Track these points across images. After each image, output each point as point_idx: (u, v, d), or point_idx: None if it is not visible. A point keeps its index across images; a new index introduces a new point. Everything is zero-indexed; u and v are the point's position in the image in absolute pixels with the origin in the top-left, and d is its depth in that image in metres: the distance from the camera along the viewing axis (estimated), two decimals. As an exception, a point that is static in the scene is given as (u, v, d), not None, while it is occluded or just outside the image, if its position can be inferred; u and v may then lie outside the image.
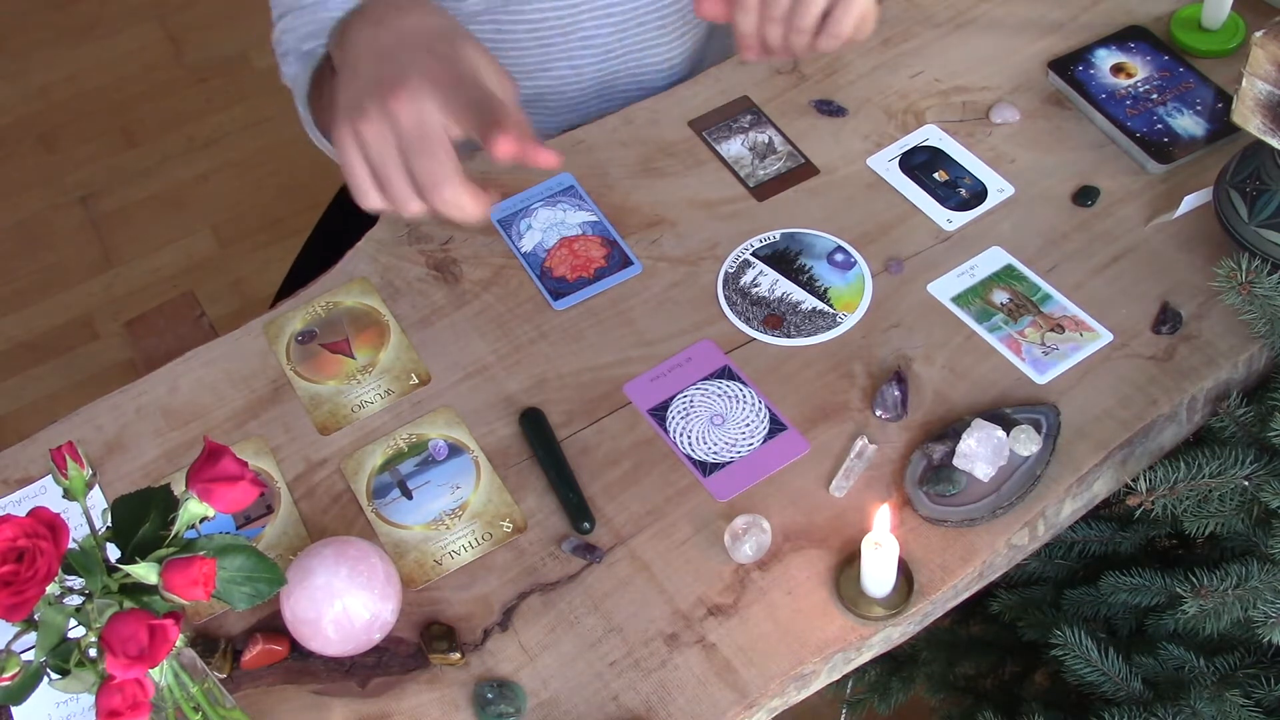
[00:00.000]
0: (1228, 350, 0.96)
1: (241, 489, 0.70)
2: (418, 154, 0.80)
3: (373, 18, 0.85)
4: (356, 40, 0.85)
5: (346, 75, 0.85)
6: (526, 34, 1.19)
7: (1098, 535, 1.07)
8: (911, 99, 1.14)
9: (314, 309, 1.04)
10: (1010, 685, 1.22)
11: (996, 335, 0.98)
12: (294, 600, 0.82)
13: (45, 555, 0.64)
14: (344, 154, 0.83)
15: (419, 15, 0.85)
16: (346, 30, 0.87)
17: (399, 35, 0.84)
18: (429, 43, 0.84)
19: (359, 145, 0.82)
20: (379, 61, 0.83)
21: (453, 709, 0.84)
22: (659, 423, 0.95)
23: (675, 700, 0.83)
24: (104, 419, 0.99)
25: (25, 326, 2.25)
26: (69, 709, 0.85)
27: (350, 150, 0.82)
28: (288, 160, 2.44)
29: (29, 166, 2.48)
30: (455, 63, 0.83)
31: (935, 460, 0.90)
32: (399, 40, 0.83)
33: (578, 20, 1.18)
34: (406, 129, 0.80)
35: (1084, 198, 1.05)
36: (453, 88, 0.81)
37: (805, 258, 1.04)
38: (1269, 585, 0.88)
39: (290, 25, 1.06)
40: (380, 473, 0.95)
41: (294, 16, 1.05)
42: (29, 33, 2.71)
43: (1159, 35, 1.16)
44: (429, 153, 0.80)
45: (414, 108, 0.80)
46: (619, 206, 1.09)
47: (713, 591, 0.87)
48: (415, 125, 0.80)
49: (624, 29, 1.20)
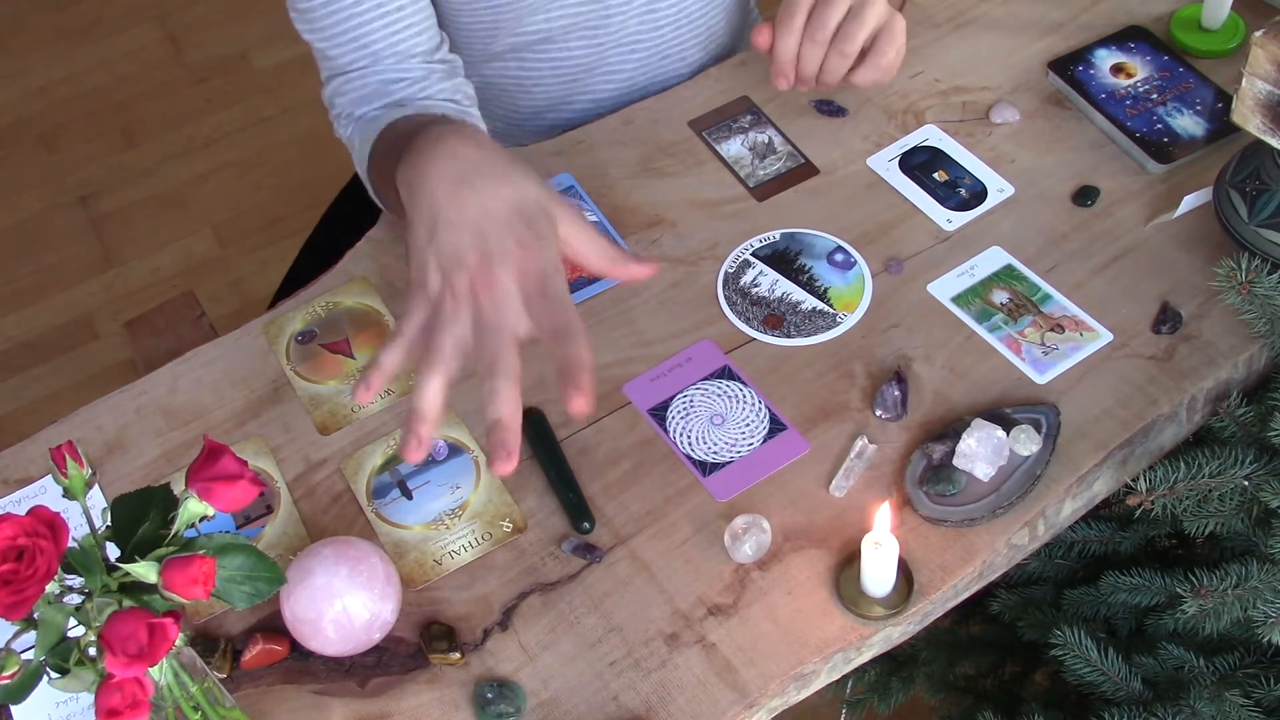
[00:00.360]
0: (1228, 350, 0.96)
1: (241, 488, 0.70)
2: (487, 342, 0.80)
3: (454, 175, 0.82)
4: (437, 197, 0.82)
5: (422, 228, 0.82)
6: (550, 72, 1.20)
7: (1098, 535, 1.07)
8: (911, 99, 1.14)
9: (314, 309, 1.04)
10: (1010, 685, 1.22)
11: (996, 335, 0.98)
12: (294, 600, 0.82)
13: (45, 554, 0.64)
14: (410, 312, 0.82)
15: (507, 186, 0.82)
16: (423, 175, 0.83)
17: (485, 210, 0.81)
18: (518, 224, 0.81)
19: (429, 308, 0.82)
20: (462, 231, 0.81)
21: (453, 709, 0.84)
22: (659, 423, 0.95)
23: (675, 700, 0.83)
24: (104, 419, 0.99)
25: (25, 326, 2.25)
26: (69, 708, 0.85)
27: (418, 311, 0.82)
28: (288, 160, 2.44)
29: (29, 166, 2.48)
30: (543, 254, 0.81)
31: (935, 460, 0.90)
32: (485, 215, 0.81)
33: (604, 58, 1.19)
34: (486, 322, 0.80)
35: (1084, 198, 1.06)
36: (538, 295, 0.80)
37: (805, 258, 1.04)
38: (1269, 585, 0.88)
39: (340, 89, 1.05)
40: (380, 473, 0.95)
41: (344, 80, 1.05)
42: (29, 33, 2.71)
43: (1159, 35, 1.16)
44: (501, 344, 0.79)
45: (497, 306, 0.80)
46: (619, 206, 1.09)
47: (713, 591, 0.87)
48: (494, 322, 0.80)
49: (648, 63, 1.21)
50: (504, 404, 0.78)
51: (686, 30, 1.20)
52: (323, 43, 1.04)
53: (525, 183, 0.83)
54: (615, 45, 1.19)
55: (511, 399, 0.78)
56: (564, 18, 1.15)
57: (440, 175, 0.82)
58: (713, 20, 1.23)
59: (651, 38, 1.19)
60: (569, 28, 1.16)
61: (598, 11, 1.15)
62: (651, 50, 1.20)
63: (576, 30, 1.17)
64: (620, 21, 1.17)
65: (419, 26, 1.04)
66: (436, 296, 0.81)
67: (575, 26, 1.16)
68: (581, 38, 1.17)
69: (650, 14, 1.17)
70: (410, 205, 0.84)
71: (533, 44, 1.17)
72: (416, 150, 0.85)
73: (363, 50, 1.03)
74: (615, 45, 1.19)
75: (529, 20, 1.15)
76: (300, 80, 2.55)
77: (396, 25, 1.03)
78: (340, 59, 1.04)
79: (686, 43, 1.21)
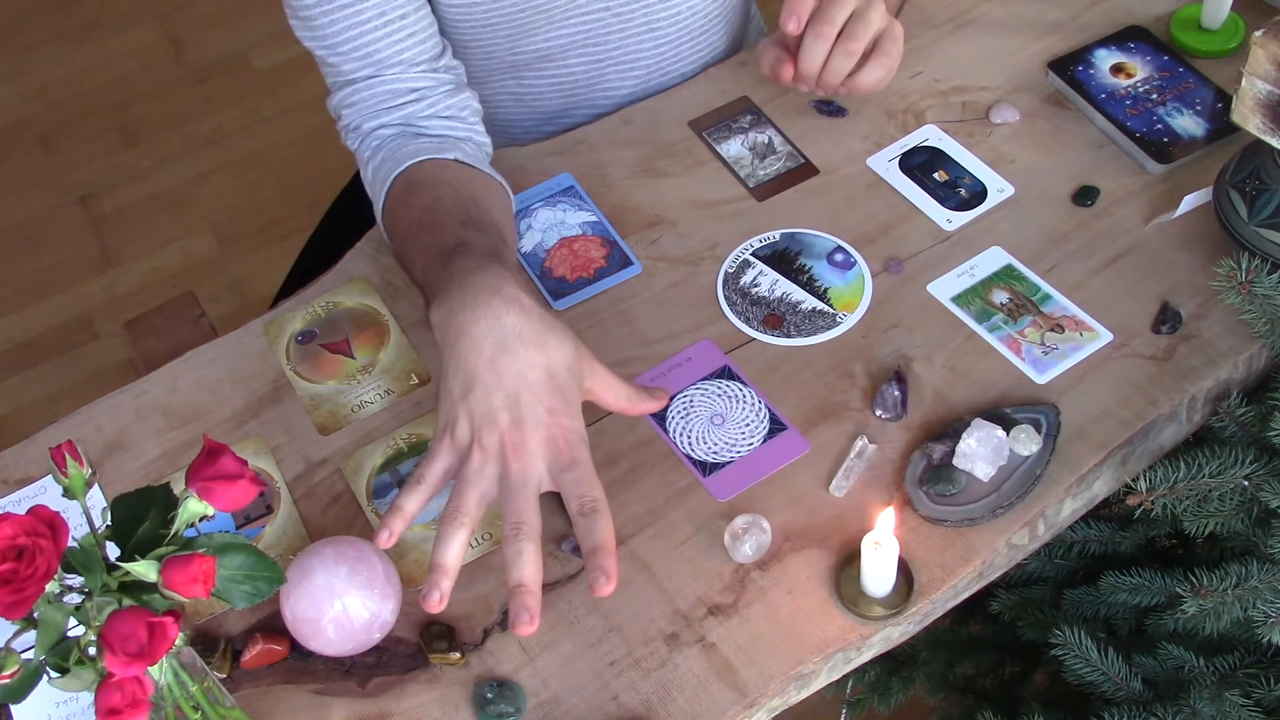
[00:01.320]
0: (1228, 350, 0.96)
1: (241, 487, 0.70)
2: (514, 501, 0.83)
3: (496, 342, 0.84)
4: (477, 362, 0.84)
5: (457, 383, 0.84)
6: (550, 88, 1.20)
7: (1098, 535, 1.07)
8: (911, 99, 1.14)
9: (314, 309, 1.04)
10: (1010, 685, 1.22)
11: (996, 335, 0.98)
12: (294, 600, 0.82)
13: (45, 553, 0.64)
14: (434, 457, 0.85)
15: (543, 354, 0.84)
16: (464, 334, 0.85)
17: (522, 378, 0.83)
18: (552, 392, 0.84)
19: (454, 457, 0.85)
20: (498, 395, 0.83)
21: (453, 709, 0.84)
22: (659, 423, 0.95)
23: (675, 700, 0.83)
24: (104, 419, 0.99)
25: (25, 326, 2.25)
26: (69, 708, 0.85)
27: (442, 458, 0.85)
28: (288, 160, 2.44)
29: (29, 166, 2.48)
30: (572, 422, 0.84)
31: (935, 460, 0.90)
32: (522, 382, 0.83)
33: (603, 75, 1.19)
34: (514, 482, 0.83)
35: (1084, 198, 1.06)
36: (568, 467, 0.83)
37: (805, 258, 1.04)
38: (1269, 585, 0.88)
39: (347, 100, 1.05)
40: (380, 473, 0.95)
41: (351, 91, 1.05)
42: (29, 33, 2.71)
43: (1159, 35, 1.16)
44: (527, 504, 0.83)
45: (525, 469, 0.83)
46: (619, 207, 1.09)
47: (713, 591, 0.87)
48: (520, 482, 0.83)
49: (648, 79, 1.21)
50: (527, 567, 0.81)
51: (686, 46, 1.20)
52: (324, 50, 1.04)
53: (560, 348, 0.85)
54: (615, 62, 1.18)
55: (534, 562, 0.81)
56: (564, 36, 1.15)
57: (482, 341, 0.84)
58: (713, 36, 1.22)
59: (652, 54, 1.19)
60: (568, 46, 1.16)
61: (598, 30, 1.15)
62: (651, 67, 1.20)
63: (576, 48, 1.16)
64: (619, 39, 1.17)
65: (422, 35, 1.04)
66: (465, 450, 0.84)
67: (575, 45, 1.16)
68: (581, 55, 1.17)
69: (650, 32, 1.17)
70: (446, 353, 0.86)
71: (532, 62, 1.17)
72: (458, 303, 0.86)
73: (367, 59, 1.03)
74: (615, 62, 1.18)
75: (528, 40, 1.15)
76: (300, 80, 2.55)
77: (399, 34, 1.02)
78: (343, 67, 1.04)
79: (686, 58, 1.21)
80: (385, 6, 1.01)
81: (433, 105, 1.05)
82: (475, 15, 1.10)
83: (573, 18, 1.13)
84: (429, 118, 1.05)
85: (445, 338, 0.86)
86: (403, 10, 1.02)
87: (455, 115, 1.06)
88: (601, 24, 1.15)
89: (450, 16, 1.11)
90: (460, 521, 0.82)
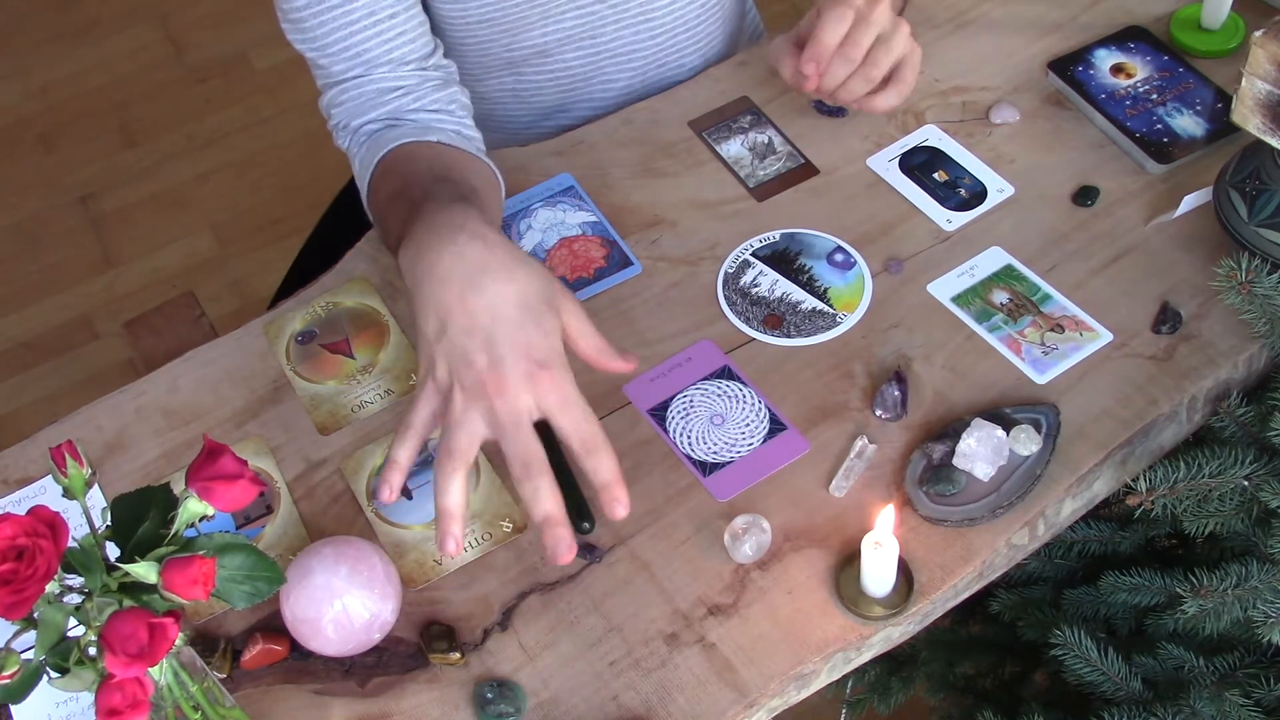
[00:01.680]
0: (1228, 350, 0.96)
1: (241, 487, 0.70)
2: (512, 442, 0.82)
3: (461, 277, 0.83)
4: (446, 299, 0.83)
5: (430, 325, 0.84)
6: (548, 83, 1.20)
7: (1097, 535, 1.07)
8: (911, 99, 1.14)
9: (314, 309, 1.04)
10: (1010, 685, 1.22)
11: (996, 335, 0.98)
12: (294, 600, 0.82)
13: (45, 554, 0.64)
14: (419, 402, 0.84)
15: (512, 284, 0.83)
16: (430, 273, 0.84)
17: (493, 313, 0.82)
18: (526, 323, 0.83)
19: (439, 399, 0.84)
20: (473, 335, 0.82)
21: (453, 709, 0.84)
22: (659, 423, 0.95)
23: (675, 700, 0.83)
24: (104, 419, 0.99)
25: (25, 326, 2.25)
26: (69, 708, 0.85)
27: (427, 402, 0.84)
28: (288, 160, 2.44)
29: (29, 166, 2.48)
30: (550, 349, 0.83)
31: (935, 460, 0.90)
32: (493, 318, 0.82)
33: (600, 68, 1.19)
34: (504, 421, 0.82)
35: (1084, 198, 1.06)
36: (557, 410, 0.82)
37: (805, 258, 1.04)
38: (1269, 585, 0.88)
39: (336, 99, 1.05)
40: (380, 472, 0.94)
41: (339, 90, 1.05)
42: (29, 33, 2.71)
43: (1159, 35, 1.16)
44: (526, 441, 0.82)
45: (511, 405, 0.82)
46: (619, 207, 1.09)
47: (713, 591, 0.87)
48: (512, 421, 0.82)
49: (645, 72, 1.21)
50: (547, 500, 0.81)
51: (684, 38, 1.20)
52: (314, 52, 1.04)
53: (529, 278, 0.84)
54: (612, 55, 1.18)
55: (552, 494, 0.81)
56: (559, 31, 1.15)
57: (448, 277, 0.83)
58: (710, 27, 1.22)
59: (648, 46, 1.19)
60: (564, 41, 1.16)
61: (593, 23, 1.15)
62: (648, 59, 1.20)
63: (572, 42, 1.17)
64: (615, 32, 1.17)
65: (412, 34, 1.04)
66: (446, 390, 0.83)
67: (571, 39, 1.16)
68: (578, 49, 1.17)
69: (645, 24, 1.17)
70: (416, 297, 0.85)
71: (529, 58, 1.17)
72: (423, 243, 0.85)
73: (356, 59, 1.03)
74: (612, 55, 1.18)
75: (524, 36, 1.15)
76: (300, 80, 2.54)
77: (389, 33, 1.02)
78: (333, 68, 1.04)
79: (684, 50, 1.21)
80: (374, 6, 1.01)
81: (419, 99, 1.04)
82: (470, 12, 1.10)
83: (568, 12, 1.13)
84: (415, 110, 1.04)
85: (412, 278, 0.85)
86: (392, 10, 1.02)
87: (443, 108, 1.05)
88: (597, 16, 1.15)
89: (445, 14, 1.11)
90: (454, 464, 0.82)
